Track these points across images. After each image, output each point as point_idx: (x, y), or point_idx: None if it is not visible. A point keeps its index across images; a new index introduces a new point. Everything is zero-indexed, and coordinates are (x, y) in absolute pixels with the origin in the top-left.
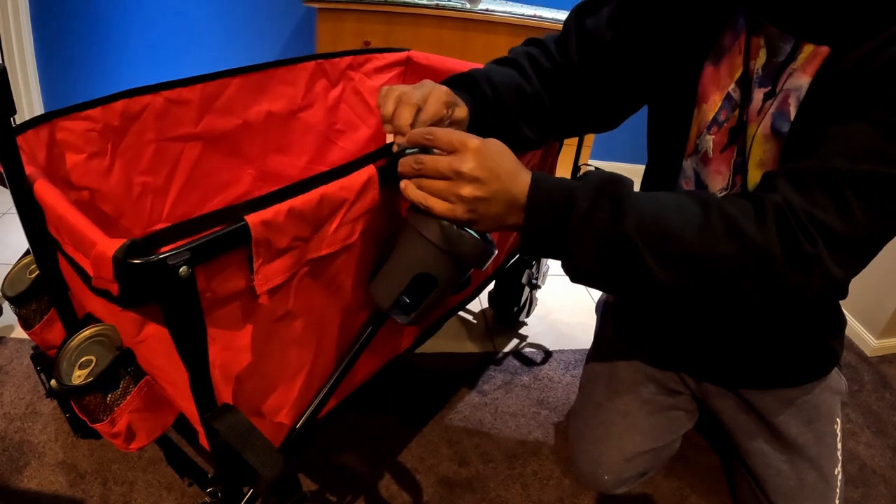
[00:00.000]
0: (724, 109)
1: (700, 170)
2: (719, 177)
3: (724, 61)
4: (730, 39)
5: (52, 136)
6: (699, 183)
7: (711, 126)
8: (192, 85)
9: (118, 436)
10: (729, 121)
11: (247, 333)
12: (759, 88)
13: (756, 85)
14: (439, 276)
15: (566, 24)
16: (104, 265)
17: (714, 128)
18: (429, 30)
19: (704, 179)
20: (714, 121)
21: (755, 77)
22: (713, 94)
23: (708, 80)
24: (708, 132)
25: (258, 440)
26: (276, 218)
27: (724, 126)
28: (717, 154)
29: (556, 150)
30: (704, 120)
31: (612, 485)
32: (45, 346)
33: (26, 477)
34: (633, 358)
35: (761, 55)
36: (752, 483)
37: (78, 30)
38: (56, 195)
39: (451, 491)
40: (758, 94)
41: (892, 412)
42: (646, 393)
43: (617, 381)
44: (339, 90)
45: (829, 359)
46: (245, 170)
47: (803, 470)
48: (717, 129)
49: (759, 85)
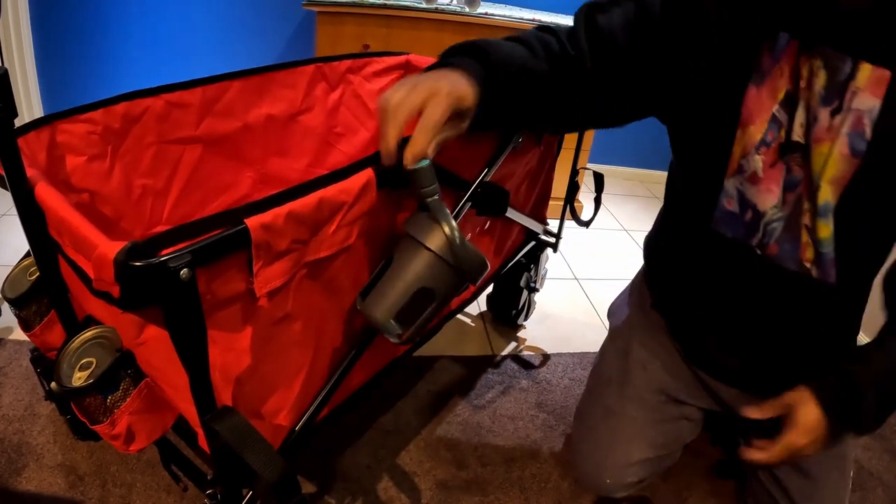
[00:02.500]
0: (770, 130)
1: (746, 189)
2: (770, 195)
3: (766, 83)
4: (769, 62)
5: (52, 139)
6: (745, 201)
7: (760, 147)
8: (193, 88)
9: (118, 437)
10: (776, 140)
11: (247, 335)
12: (824, 107)
13: (821, 104)
14: (438, 289)
15: (576, 17)
16: (105, 267)
17: (763, 148)
18: (428, 33)
19: (752, 198)
20: (762, 142)
21: (820, 97)
22: (759, 116)
23: (752, 103)
24: (756, 152)
25: (258, 442)
26: (276, 221)
27: (773, 146)
28: (767, 173)
29: (554, 152)
30: (752, 141)
31: (613, 488)
32: (45, 348)
33: (25, 479)
34: (651, 365)
35: (821, 75)
36: (774, 485)
37: (78, 32)
38: (57, 197)
39: (449, 494)
40: (824, 113)
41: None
42: (657, 402)
43: (630, 386)
44: (339, 93)
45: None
46: (245, 173)
47: (830, 469)
48: (766, 150)
49: (825, 104)
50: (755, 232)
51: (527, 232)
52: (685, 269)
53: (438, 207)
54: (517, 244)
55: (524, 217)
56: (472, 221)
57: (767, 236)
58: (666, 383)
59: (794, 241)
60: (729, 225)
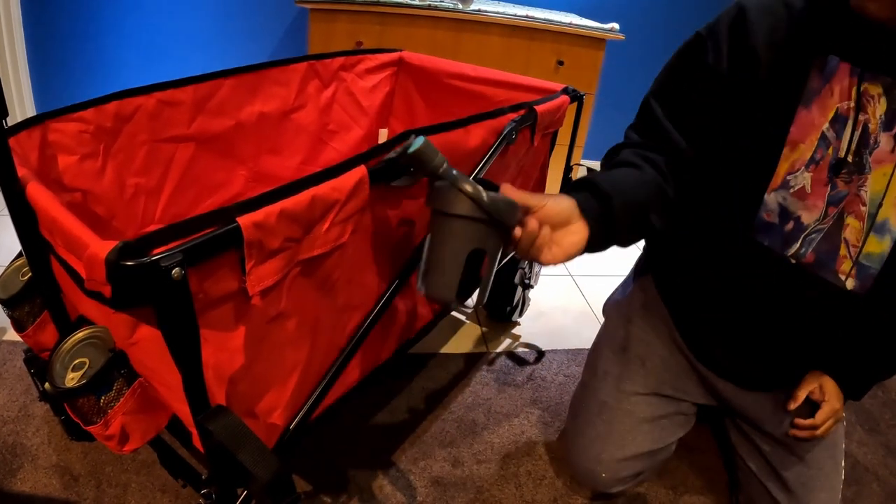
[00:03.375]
0: (819, 149)
1: (790, 203)
2: (815, 210)
3: (815, 103)
4: (818, 83)
5: (44, 138)
6: (786, 215)
7: (809, 164)
8: (185, 86)
9: (112, 438)
10: (825, 158)
11: (240, 334)
12: (886, 132)
13: (882, 129)
14: (486, 247)
15: (647, 114)
16: (97, 267)
17: (812, 166)
18: (421, 30)
19: (796, 211)
20: (812, 160)
21: (880, 122)
22: (809, 136)
23: (803, 123)
24: (806, 170)
25: (252, 441)
26: (268, 219)
27: (821, 164)
28: (814, 189)
29: (548, 148)
30: (801, 159)
31: (608, 483)
32: (38, 349)
33: (19, 480)
34: (646, 360)
35: (882, 102)
36: (768, 475)
37: (70, 31)
38: (49, 197)
39: (444, 491)
40: (886, 137)
41: (885, 410)
42: (652, 397)
43: (627, 381)
44: (332, 91)
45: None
46: (238, 171)
47: (823, 458)
48: (815, 167)
49: (886, 129)
50: (793, 242)
51: None
52: (707, 272)
53: (451, 173)
54: None
55: None
56: None
57: (805, 246)
58: (663, 379)
59: (832, 252)
60: (766, 235)
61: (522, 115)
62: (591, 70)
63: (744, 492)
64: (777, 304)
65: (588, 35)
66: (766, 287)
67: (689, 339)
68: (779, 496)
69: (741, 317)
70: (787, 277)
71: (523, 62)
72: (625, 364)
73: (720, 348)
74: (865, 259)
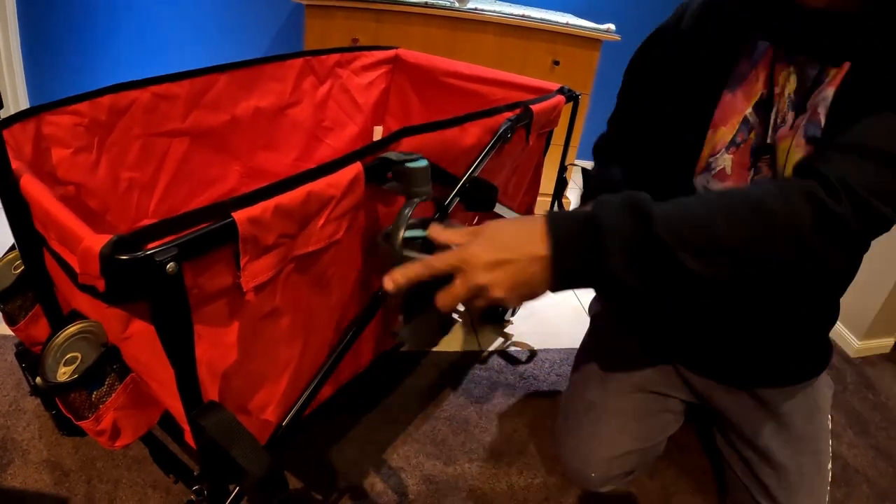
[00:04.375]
0: (740, 132)
1: (713, 185)
2: None
3: (741, 88)
4: (746, 67)
5: (38, 131)
6: None
7: (730, 147)
8: (180, 80)
9: (103, 433)
10: (746, 141)
11: (233, 330)
12: (791, 111)
13: (789, 108)
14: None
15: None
16: (91, 261)
17: (732, 148)
18: (417, 28)
19: None
20: (732, 142)
21: (788, 101)
22: (732, 119)
23: (727, 106)
24: (726, 151)
25: (245, 437)
26: (264, 215)
27: (742, 146)
28: (735, 171)
29: (543, 148)
30: (722, 141)
31: (599, 482)
32: (30, 343)
33: (10, 475)
34: (631, 358)
35: (792, 81)
36: (751, 480)
37: (65, 23)
38: (43, 190)
39: (436, 489)
40: (790, 115)
41: (875, 413)
42: (639, 394)
43: (611, 380)
44: (328, 87)
45: (830, 352)
46: (232, 166)
47: (805, 463)
48: (736, 150)
49: (793, 108)
50: None
51: None
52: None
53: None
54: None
55: (512, 213)
56: (461, 217)
57: None
58: (647, 376)
59: None
60: None
61: (518, 114)
62: (586, 70)
63: (730, 495)
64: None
65: (584, 35)
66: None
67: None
68: (762, 501)
69: (685, 304)
70: None
71: (519, 61)
72: (608, 363)
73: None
74: None
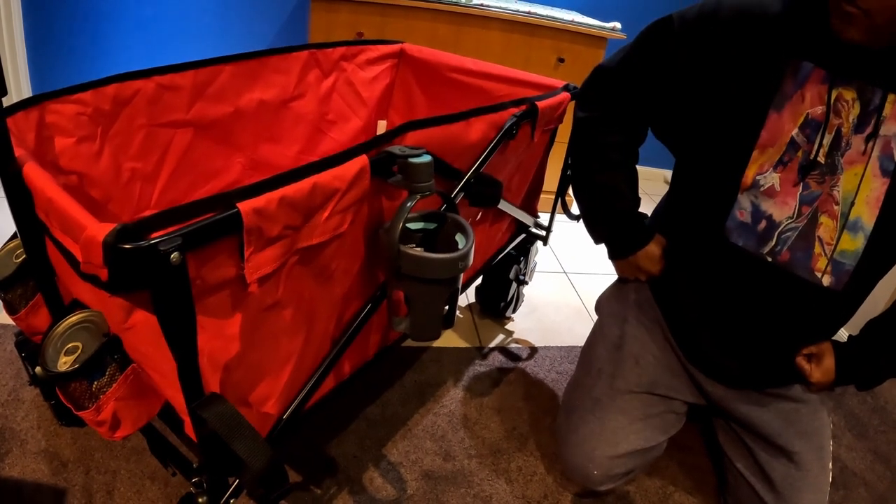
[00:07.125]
0: (787, 152)
1: (761, 202)
2: (786, 207)
3: (787, 108)
4: (790, 87)
5: (41, 119)
6: (758, 213)
7: (777, 166)
8: (185, 71)
9: (103, 424)
10: (793, 160)
11: (236, 322)
12: (857, 134)
13: (853, 132)
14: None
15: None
16: (94, 250)
17: (780, 167)
18: (423, 23)
19: (767, 210)
20: (780, 161)
21: (852, 124)
22: (779, 139)
23: (773, 127)
24: (773, 171)
25: (245, 430)
26: (269, 206)
27: (789, 165)
28: (784, 188)
29: (547, 145)
30: (770, 161)
31: (600, 480)
32: (30, 332)
33: (8, 465)
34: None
35: (856, 106)
36: (755, 475)
37: (69, 12)
38: (46, 179)
39: (435, 485)
40: (858, 139)
41: (874, 416)
42: (645, 395)
43: (620, 379)
44: (332, 80)
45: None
46: (235, 158)
47: (811, 460)
48: (783, 168)
49: (857, 131)
50: (767, 241)
51: (518, 224)
52: (690, 273)
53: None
54: (508, 236)
55: (516, 209)
56: (465, 212)
57: (780, 244)
58: (656, 378)
59: (807, 250)
60: (741, 234)
61: (524, 110)
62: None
63: (732, 492)
64: (756, 303)
65: (589, 33)
66: (745, 286)
67: (679, 337)
68: (766, 497)
69: (724, 316)
70: (764, 276)
71: (524, 58)
72: (619, 362)
73: (707, 347)
74: (840, 256)
